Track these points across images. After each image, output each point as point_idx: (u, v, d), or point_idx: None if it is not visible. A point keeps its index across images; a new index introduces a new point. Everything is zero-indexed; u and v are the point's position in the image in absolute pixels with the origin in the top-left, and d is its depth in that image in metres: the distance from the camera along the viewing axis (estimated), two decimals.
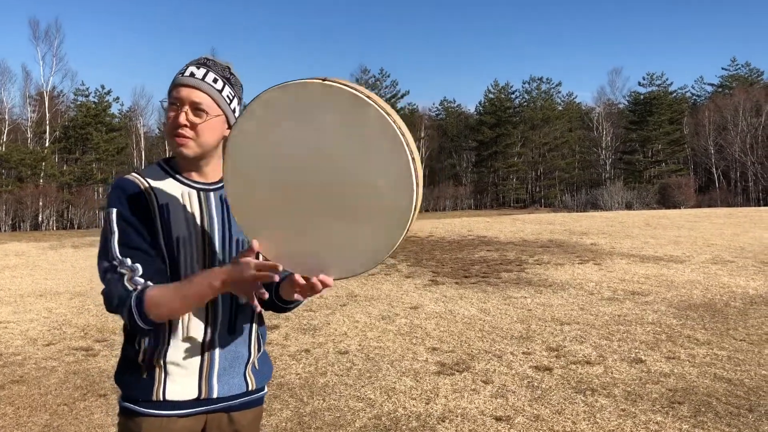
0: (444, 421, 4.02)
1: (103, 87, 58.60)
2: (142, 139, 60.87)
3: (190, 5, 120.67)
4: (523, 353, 5.48)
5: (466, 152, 76.74)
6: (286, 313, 6.70)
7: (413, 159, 1.32)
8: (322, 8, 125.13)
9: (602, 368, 5.03)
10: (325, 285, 1.45)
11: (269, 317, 6.56)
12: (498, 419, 4.05)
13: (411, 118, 71.34)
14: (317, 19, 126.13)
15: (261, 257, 1.49)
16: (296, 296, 1.52)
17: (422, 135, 71.56)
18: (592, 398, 4.38)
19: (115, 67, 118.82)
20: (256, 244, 1.44)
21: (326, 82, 1.35)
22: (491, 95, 74.42)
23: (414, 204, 1.34)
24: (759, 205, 45.74)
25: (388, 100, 66.60)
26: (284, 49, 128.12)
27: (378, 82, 67.51)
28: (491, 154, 71.15)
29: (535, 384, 4.69)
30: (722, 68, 71.88)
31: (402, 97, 68.74)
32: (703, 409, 4.16)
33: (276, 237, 1.46)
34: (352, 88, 1.34)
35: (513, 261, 10.93)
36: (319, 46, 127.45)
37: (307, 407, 4.31)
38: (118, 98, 68.16)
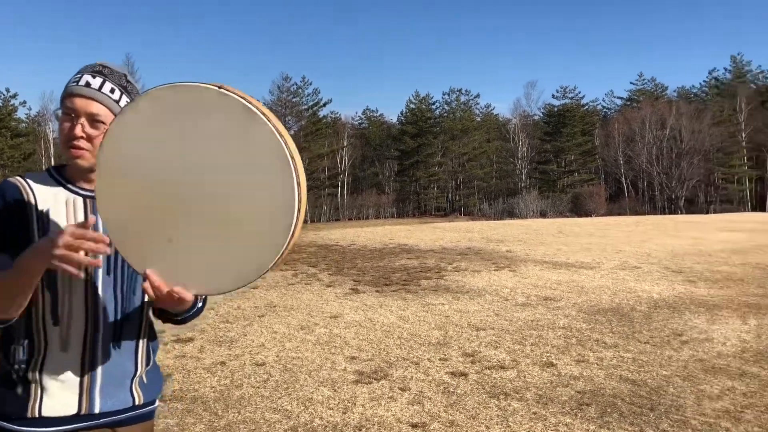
0: (360, 430, 4.02)
1: (7, 90, 55.72)
2: (51, 145, 58.08)
3: (97, 9, 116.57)
4: (440, 359, 5.56)
5: (389, 161, 77.49)
6: (198, 325, 6.54)
7: (299, 184, 1.29)
8: (242, 14, 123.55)
9: (515, 372, 5.17)
10: (180, 297, 1.40)
11: (184, 331, 6.38)
12: (414, 426, 4.08)
13: (334, 126, 71.45)
14: (237, 24, 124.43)
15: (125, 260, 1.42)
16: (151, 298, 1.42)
17: (345, 144, 71.70)
18: (505, 402, 4.48)
19: (21, 70, 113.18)
20: (92, 218, 1.34)
21: (222, 90, 1.30)
22: (413, 105, 75.50)
23: (292, 230, 1.30)
24: (664, 213, 48.32)
25: (310, 108, 66.90)
26: (200, 53, 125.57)
27: (300, 90, 67.17)
28: (413, 164, 72.14)
29: (451, 390, 4.76)
30: (630, 83, 75.90)
31: (324, 105, 68.78)
32: (609, 410, 4.34)
33: (141, 238, 1.39)
34: (247, 101, 1.29)
35: (432, 268, 11.08)
36: (239, 52, 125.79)
37: (221, 421, 4.21)
38: (24, 102, 65.07)
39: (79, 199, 1.59)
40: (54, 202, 1.56)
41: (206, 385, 4.95)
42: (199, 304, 1.66)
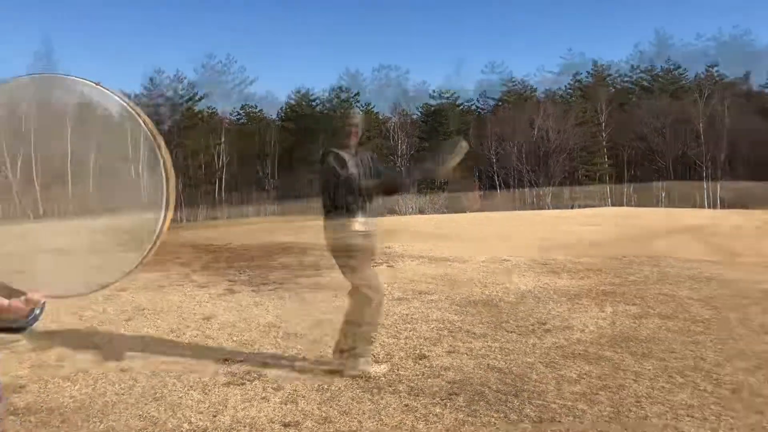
0: None
1: None
2: None
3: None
4: (316, 357, 5.54)
5: (269, 158, 76.33)
6: (58, 332, 6.13)
7: (167, 181, 1.27)
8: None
9: (389, 366, 5.24)
10: (31, 303, 1.32)
11: (42, 338, 5.96)
12: (286, 425, 4.04)
13: (210, 121, 69.41)
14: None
15: None
16: None
17: (222, 139, 69.86)
18: (378, 396, 4.54)
19: None
20: None
21: (99, 87, 1.26)
22: (292, 101, 74.94)
23: (158, 230, 1.28)
24: (534, 209, 50.97)
25: (184, 103, 64.49)
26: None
27: (173, 84, 64.72)
28: (294, 161, 71.47)
29: (326, 387, 4.75)
30: (502, 84, 79.24)
31: (200, 100, 66.60)
32: (476, 398, 4.50)
33: None
34: (123, 99, 1.29)
35: (312, 266, 11.03)
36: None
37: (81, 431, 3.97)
38: None
39: None
40: None
41: (65, 394, 4.65)
42: (36, 311, 1.53)
